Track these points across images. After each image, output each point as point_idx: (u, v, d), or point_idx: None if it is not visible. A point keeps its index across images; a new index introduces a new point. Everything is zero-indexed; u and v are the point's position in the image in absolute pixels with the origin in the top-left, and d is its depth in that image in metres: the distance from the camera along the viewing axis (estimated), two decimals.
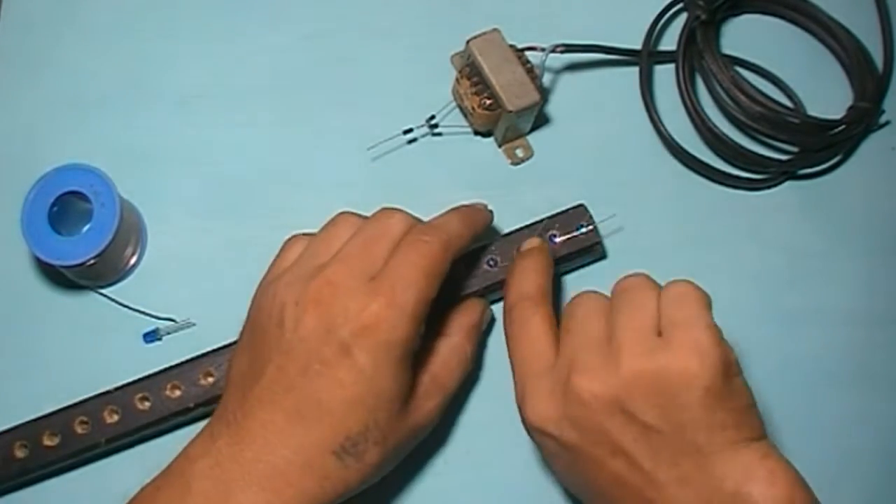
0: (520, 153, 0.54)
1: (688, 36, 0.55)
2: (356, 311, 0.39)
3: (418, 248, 0.41)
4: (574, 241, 0.49)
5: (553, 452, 0.41)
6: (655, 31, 0.56)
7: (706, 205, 0.54)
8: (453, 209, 0.46)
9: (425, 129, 0.54)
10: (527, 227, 0.49)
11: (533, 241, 0.47)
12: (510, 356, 0.43)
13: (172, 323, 0.50)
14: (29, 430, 0.46)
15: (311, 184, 0.53)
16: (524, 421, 0.41)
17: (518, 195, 0.53)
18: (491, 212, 0.48)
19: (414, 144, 0.54)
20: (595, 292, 0.42)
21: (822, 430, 0.49)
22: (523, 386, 0.41)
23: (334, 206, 0.52)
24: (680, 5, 0.57)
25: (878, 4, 0.58)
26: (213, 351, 0.47)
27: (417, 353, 0.42)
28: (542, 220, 0.50)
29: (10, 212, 0.47)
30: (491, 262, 0.48)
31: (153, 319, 0.50)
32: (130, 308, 0.50)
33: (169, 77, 0.55)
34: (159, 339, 0.49)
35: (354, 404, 0.39)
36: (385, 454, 0.40)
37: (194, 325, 0.50)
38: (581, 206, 0.50)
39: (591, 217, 0.50)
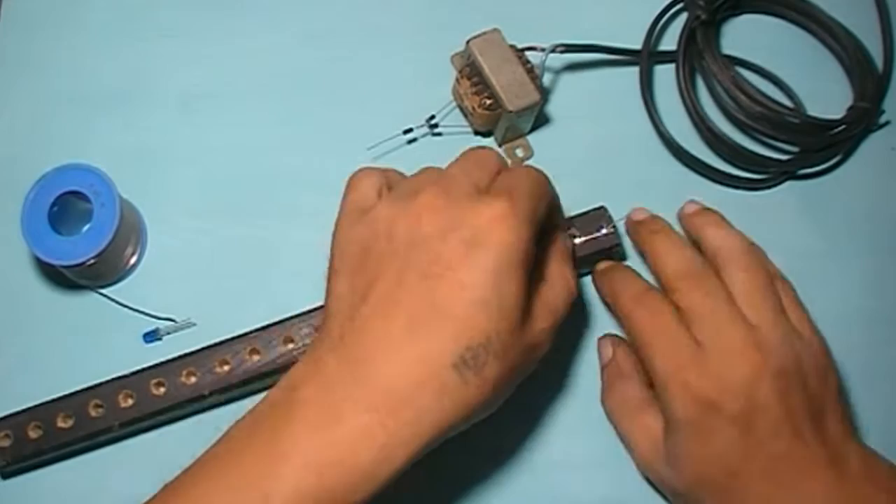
0: (520, 153, 0.54)
1: (688, 36, 0.55)
2: (476, 212, 0.37)
3: (528, 170, 0.41)
4: (594, 243, 0.49)
5: (711, 431, 0.41)
6: (655, 31, 0.56)
7: (706, 205, 0.54)
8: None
9: (425, 129, 0.54)
10: None
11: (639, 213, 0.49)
12: (647, 344, 0.43)
13: (172, 323, 0.50)
14: (43, 412, 0.46)
15: (312, 184, 0.53)
16: (686, 400, 0.41)
17: None
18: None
19: (414, 144, 0.54)
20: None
21: None
22: (682, 365, 0.41)
23: (334, 206, 0.52)
24: (680, 5, 0.57)
25: (878, 4, 0.58)
26: (230, 340, 0.47)
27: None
28: None
29: (10, 212, 0.47)
30: None
31: (153, 319, 0.50)
32: (130, 308, 0.50)
33: (169, 77, 0.55)
34: (159, 339, 0.49)
35: (478, 307, 0.36)
36: (504, 371, 0.37)
37: (194, 325, 0.50)
38: (601, 207, 0.50)
39: (611, 219, 0.50)
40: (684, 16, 0.56)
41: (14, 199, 0.47)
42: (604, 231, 0.49)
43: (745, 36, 0.57)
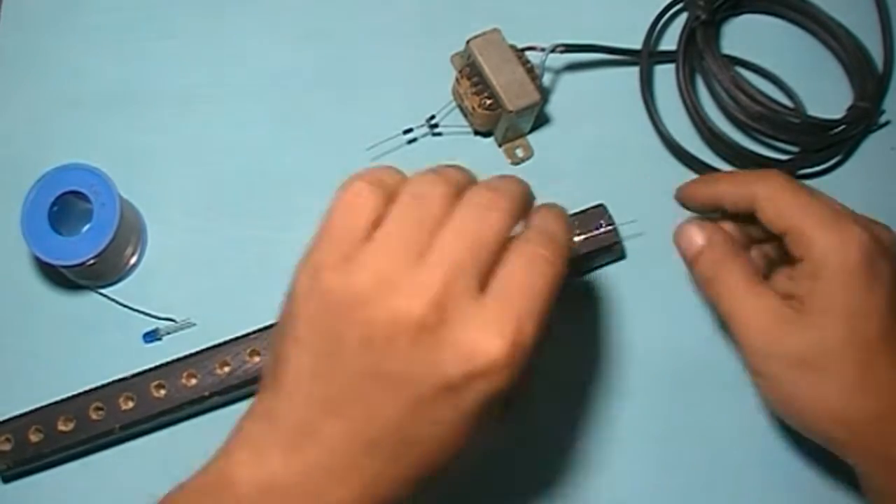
0: (520, 153, 0.54)
1: (688, 36, 0.55)
2: (471, 352, 0.32)
3: (541, 268, 0.34)
4: (593, 240, 0.49)
5: (877, 278, 0.40)
6: (655, 31, 0.56)
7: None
8: (547, 207, 0.39)
9: (425, 129, 0.54)
10: None
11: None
12: (791, 207, 0.42)
13: (172, 323, 0.50)
14: (44, 415, 0.46)
15: (311, 184, 0.53)
16: (851, 248, 0.40)
17: None
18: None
19: (414, 144, 0.54)
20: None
21: None
22: (835, 217, 0.41)
23: None
24: (680, 5, 0.57)
25: (878, 4, 0.58)
26: (230, 341, 0.47)
27: None
28: None
29: (10, 212, 0.47)
30: None
31: (153, 319, 0.50)
32: (130, 308, 0.50)
33: (169, 77, 0.55)
34: (159, 339, 0.49)
35: (447, 446, 0.33)
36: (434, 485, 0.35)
37: (195, 325, 0.50)
38: (601, 205, 0.50)
39: (610, 217, 0.50)
40: (684, 16, 0.56)
41: (14, 199, 0.47)
42: (603, 228, 0.49)
43: (745, 36, 0.57)
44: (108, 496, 0.47)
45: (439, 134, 0.54)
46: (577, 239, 0.49)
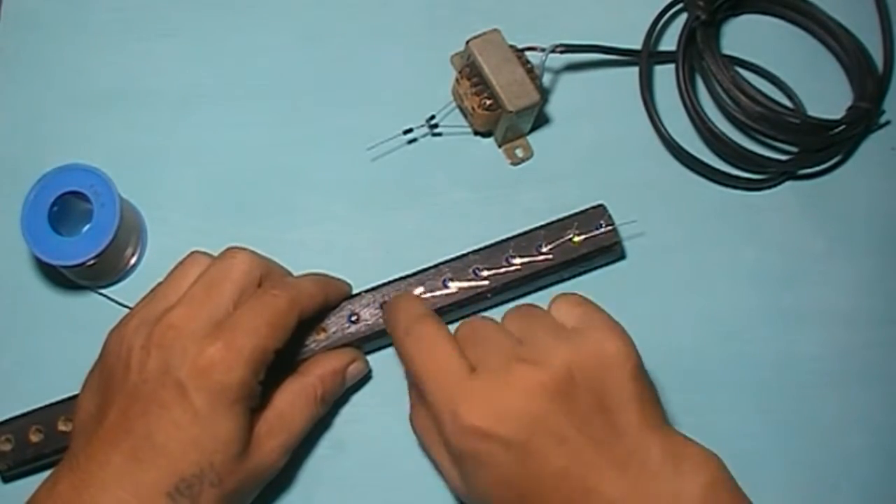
0: (520, 153, 0.54)
1: (688, 36, 0.55)
2: (194, 354, 0.40)
3: (264, 300, 0.42)
4: (594, 240, 0.49)
5: (489, 460, 0.38)
6: (655, 31, 0.56)
7: (706, 205, 0.54)
8: (312, 274, 0.47)
9: (425, 129, 0.54)
10: (544, 225, 0.50)
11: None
12: (418, 376, 0.41)
13: None
14: (44, 415, 0.46)
15: (312, 184, 0.53)
16: (457, 430, 0.38)
17: (518, 195, 0.53)
18: (349, 285, 0.48)
19: (414, 144, 0.54)
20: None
21: (821, 430, 0.49)
22: (450, 395, 0.39)
23: (334, 206, 0.52)
24: (680, 5, 0.57)
25: (878, 4, 0.58)
26: None
27: (266, 391, 0.43)
28: (561, 219, 0.50)
29: (10, 212, 0.47)
30: (509, 258, 0.49)
31: None
32: (130, 308, 0.50)
33: (169, 77, 0.55)
34: None
35: (189, 445, 0.39)
36: (222, 497, 0.40)
37: None
38: (601, 206, 0.50)
39: (610, 217, 0.50)
40: (684, 16, 0.56)
41: (14, 199, 0.47)
42: (603, 228, 0.49)
43: (745, 36, 0.57)
44: None
45: (439, 134, 0.54)
46: (577, 239, 0.49)
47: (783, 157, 0.54)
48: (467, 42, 0.51)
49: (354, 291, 0.48)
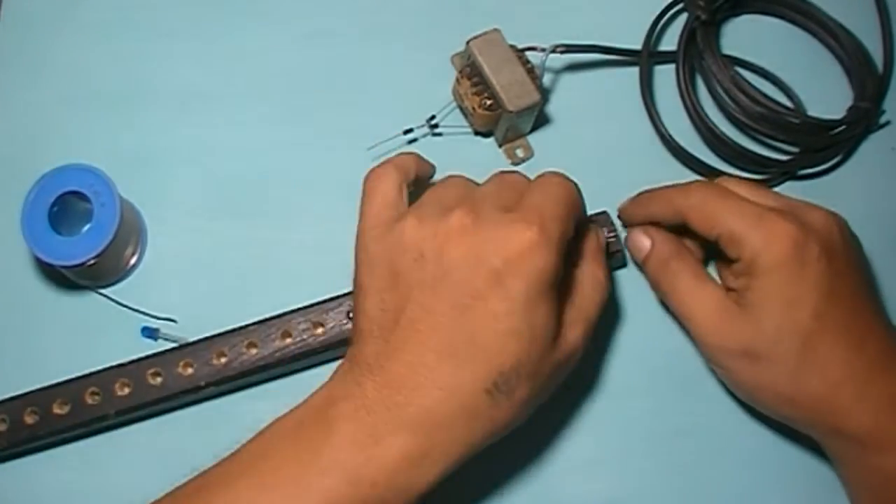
0: (520, 153, 0.54)
1: (688, 36, 0.55)
2: (505, 239, 0.38)
3: (556, 185, 0.42)
4: None
5: (804, 267, 0.42)
6: (655, 31, 0.56)
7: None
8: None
9: (425, 129, 0.54)
10: None
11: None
12: (715, 212, 0.44)
13: (173, 323, 0.50)
14: (40, 397, 0.46)
15: (311, 184, 0.53)
16: (777, 241, 0.42)
17: None
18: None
19: (414, 144, 0.54)
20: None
21: None
22: (758, 215, 0.43)
23: (334, 206, 0.52)
24: (680, 5, 0.57)
25: (878, 4, 0.58)
26: (228, 332, 0.47)
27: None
28: None
29: (10, 212, 0.47)
30: None
31: (153, 320, 0.50)
32: (130, 308, 0.50)
33: (169, 77, 0.55)
34: (156, 340, 0.49)
35: (509, 337, 0.38)
36: (535, 390, 0.39)
37: (187, 339, 0.49)
38: (604, 213, 0.50)
39: (613, 225, 0.50)
40: (684, 16, 0.56)
41: (14, 199, 0.47)
42: (605, 236, 0.49)
43: (745, 36, 0.57)
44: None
45: (439, 134, 0.54)
46: None
47: (783, 157, 0.54)
48: (467, 42, 0.51)
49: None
